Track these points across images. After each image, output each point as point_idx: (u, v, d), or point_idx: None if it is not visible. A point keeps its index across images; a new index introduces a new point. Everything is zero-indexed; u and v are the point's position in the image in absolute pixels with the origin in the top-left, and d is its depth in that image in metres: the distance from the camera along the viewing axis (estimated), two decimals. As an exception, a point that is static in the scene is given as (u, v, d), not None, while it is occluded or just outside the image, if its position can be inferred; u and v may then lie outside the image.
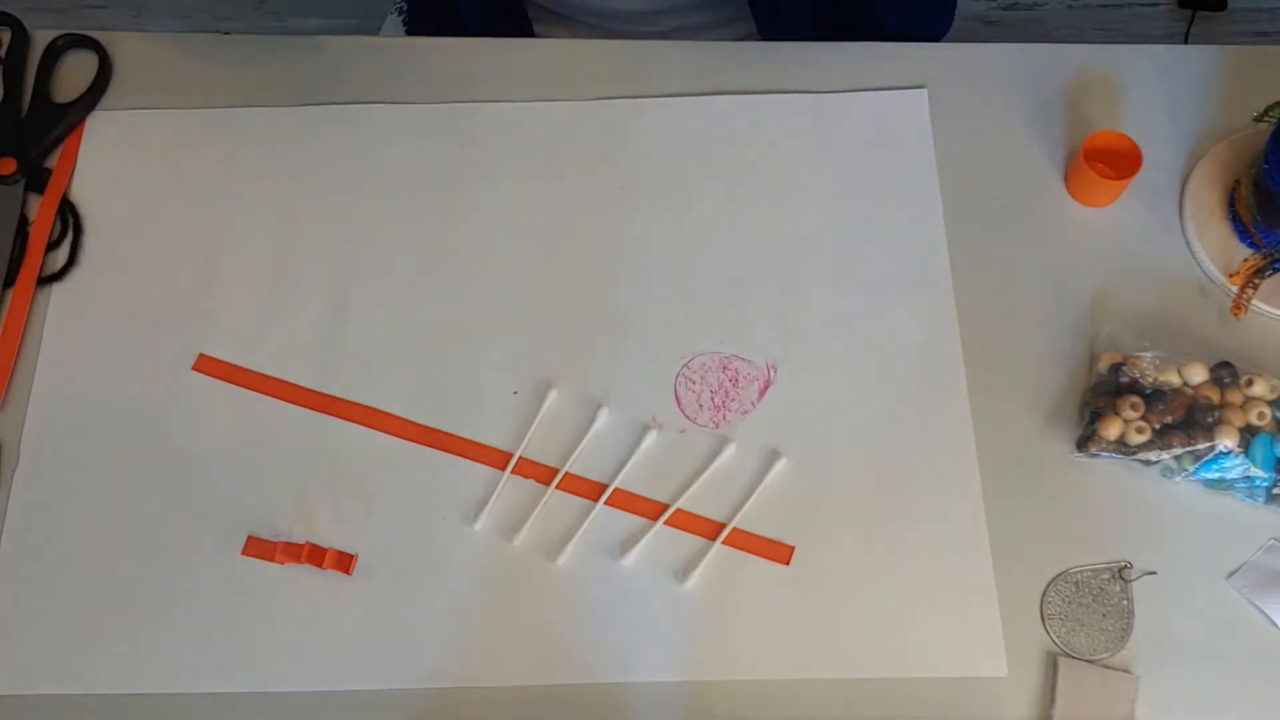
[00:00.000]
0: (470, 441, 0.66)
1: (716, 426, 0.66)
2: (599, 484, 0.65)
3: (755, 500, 0.64)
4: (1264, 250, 0.68)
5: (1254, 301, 0.68)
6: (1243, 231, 0.70)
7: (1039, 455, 0.65)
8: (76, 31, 0.76)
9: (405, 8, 0.96)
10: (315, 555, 0.62)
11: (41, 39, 0.76)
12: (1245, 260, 0.68)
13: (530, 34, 0.89)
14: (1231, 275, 0.68)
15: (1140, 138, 0.70)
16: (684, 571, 0.63)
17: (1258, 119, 0.69)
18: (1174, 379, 0.63)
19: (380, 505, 0.64)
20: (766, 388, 0.67)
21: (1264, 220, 0.68)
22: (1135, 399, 0.63)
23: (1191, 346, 0.66)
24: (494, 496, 0.64)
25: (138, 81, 0.76)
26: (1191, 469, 0.63)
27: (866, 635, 0.61)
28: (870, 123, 0.74)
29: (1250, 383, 0.63)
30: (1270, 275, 0.67)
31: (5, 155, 0.72)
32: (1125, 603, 0.62)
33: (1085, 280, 0.70)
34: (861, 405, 0.67)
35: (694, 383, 0.67)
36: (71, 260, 0.70)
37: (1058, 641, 0.61)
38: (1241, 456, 0.61)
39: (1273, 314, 0.68)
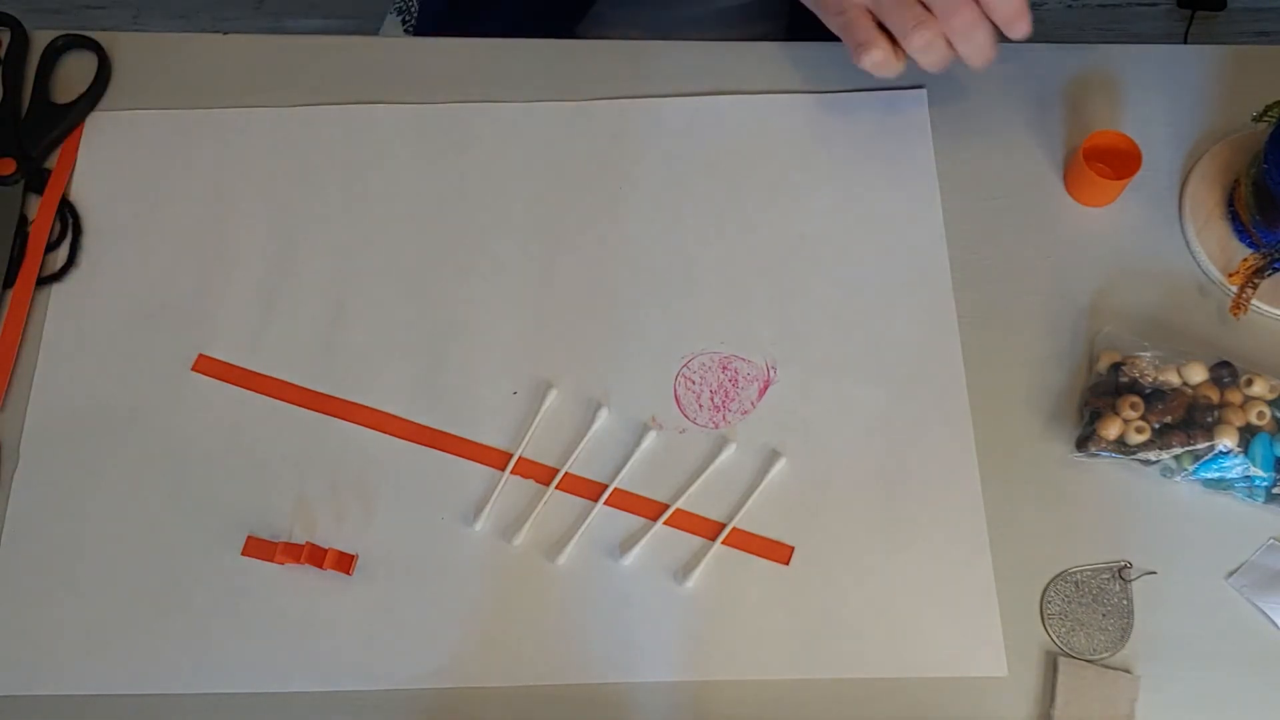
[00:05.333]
0: (470, 441, 0.66)
1: (716, 426, 0.66)
2: (599, 484, 0.65)
3: (755, 500, 0.64)
4: (1263, 250, 0.68)
5: (1254, 301, 0.68)
6: (1242, 231, 0.70)
7: (1039, 455, 0.65)
8: (76, 32, 0.76)
9: (414, 21, 0.96)
10: (315, 556, 0.62)
11: (41, 39, 0.76)
12: (1244, 260, 0.68)
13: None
14: (1231, 275, 0.68)
15: (1140, 138, 0.70)
16: (684, 571, 0.63)
17: (1257, 119, 0.69)
18: (1173, 379, 0.63)
19: (380, 505, 0.64)
20: (766, 388, 0.67)
21: (1263, 220, 0.68)
22: (1135, 399, 0.63)
23: (1191, 346, 0.66)
24: (494, 496, 0.64)
25: (137, 82, 0.76)
26: (1191, 469, 0.63)
27: (866, 635, 0.61)
28: (870, 123, 0.74)
29: (1250, 382, 0.63)
30: (1269, 275, 0.67)
31: (5, 156, 0.72)
32: (1125, 603, 0.62)
33: (1085, 280, 0.70)
34: (861, 405, 0.67)
35: (694, 383, 0.67)
36: (71, 260, 0.70)
37: (1058, 641, 0.61)
38: (1241, 456, 0.61)
39: (1273, 314, 0.68)
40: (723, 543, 0.63)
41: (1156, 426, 0.62)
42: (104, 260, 0.70)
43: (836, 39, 0.77)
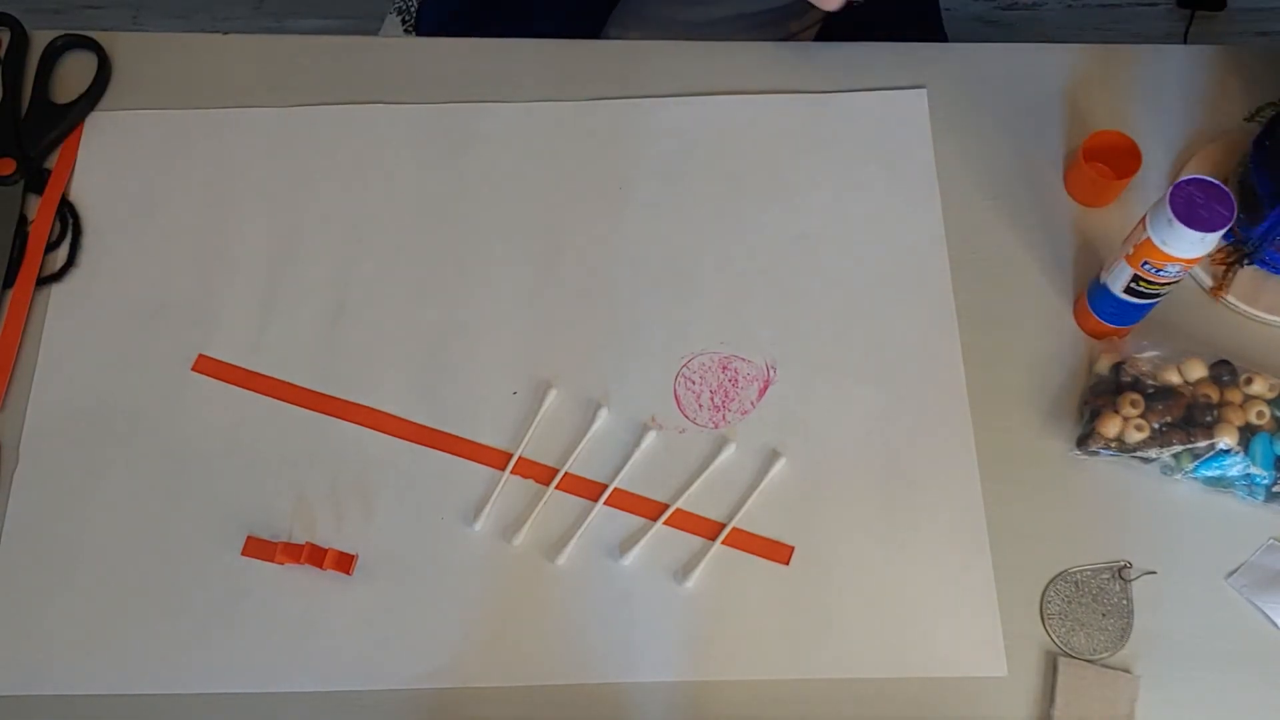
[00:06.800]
0: (470, 441, 0.66)
1: (716, 426, 0.66)
2: (599, 484, 0.65)
3: (755, 500, 0.64)
4: (1234, 244, 0.68)
5: (1256, 311, 0.68)
6: (1228, 231, 0.70)
7: (1039, 454, 0.65)
8: (76, 32, 0.76)
9: (408, 18, 0.96)
10: (315, 556, 0.62)
11: (41, 39, 0.76)
12: (1218, 252, 0.68)
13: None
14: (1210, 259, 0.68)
15: (1140, 138, 0.70)
16: (684, 571, 0.63)
17: (1249, 119, 0.69)
18: (1173, 378, 0.63)
19: (380, 505, 0.64)
20: (766, 388, 0.67)
21: (1246, 216, 0.68)
22: (1135, 396, 0.63)
23: (1191, 345, 0.66)
24: (494, 496, 0.64)
25: (137, 81, 0.76)
26: (1191, 467, 0.63)
27: (866, 635, 0.61)
28: (870, 123, 0.74)
29: (1249, 381, 0.63)
30: (1245, 266, 0.67)
31: (5, 156, 0.72)
32: (1125, 602, 0.62)
33: (1085, 280, 0.70)
34: (861, 405, 0.67)
35: (693, 383, 0.67)
36: (71, 260, 0.70)
37: (1058, 641, 0.61)
38: (1241, 455, 0.61)
39: (1269, 320, 0.68)
40: (723, 543, 0.63)
41: (1156, 425, 0.62)
42: (104, 260, 0.70)
43: (853, 38, 0.77)
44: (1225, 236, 0.69)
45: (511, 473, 0.65)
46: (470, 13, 0.90)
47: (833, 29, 0.83)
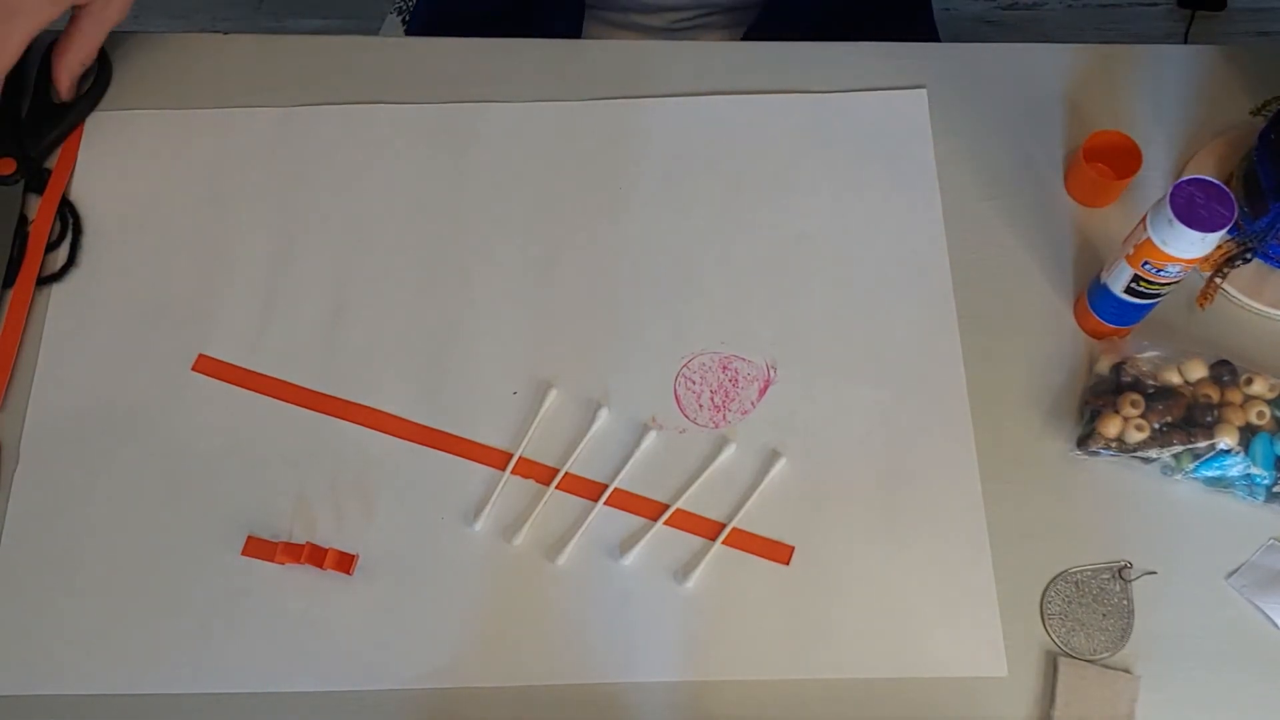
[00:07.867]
0: (470, 442, 0.66)
1: (716, 426, 0.66)
2: (599, 484, 0.65)
3: (755, 500, 0.64)
4: (1238, 238, 0.67)
5: (1253, 303, 0.68)
6: (1233, 227, 0.69)
7: (1039, 454, 0.65)
8: (76, 32, 0.76)
9: (408, 19, 0.96)
10: (316, 555, 0.62)
11: (41, 39, 0.76)
12: (1219, 247, 0.67)
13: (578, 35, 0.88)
14: (1203, 262, 0.68)
15: (1140, 137, 0.70)
16: (684, 571, 0.63)
17: (1255, 112, 0.69)
18: (1174, 378, 0.63)
19: (380, 505, 0.64)
20: (766, 388, 0.67)
21: (1250, 210, 0.68)
22: (1135, 396, 0.63)
23: (1191, 345, 0.66)
24: (494, 496, 0.64)
25: (138, 81, 0.76)
26: (1191, 467, 0.63)
27: (866, 635, 0.61)
28: (870, 123, 0.74)
29: (1250, 381, 0.63)
30: (1239, 265, 0.67)
31: (5, 155, 0.72)
32: (1125, 603, 0.62)
33: (1085, 280, 0.70)
34: (861, 405, 0.67)
35: (694, 383, 0.67)
36: (71, 260, 0.70)
37: (1058, 641, 0.61)
38: (1241, 455, 0.61)
39: (1272, 314, 0.68)
40: (723, 543, 0.63)
41: (1157, 425, 0.62)
42: (104, 260, 0.70)
43: (846, 39, 0.77)
44: (1230, 231, 0.69)
45: (512, 473, 0.65)
46: (467, 13, 0.90)
47: (820, 28, 0.83)
